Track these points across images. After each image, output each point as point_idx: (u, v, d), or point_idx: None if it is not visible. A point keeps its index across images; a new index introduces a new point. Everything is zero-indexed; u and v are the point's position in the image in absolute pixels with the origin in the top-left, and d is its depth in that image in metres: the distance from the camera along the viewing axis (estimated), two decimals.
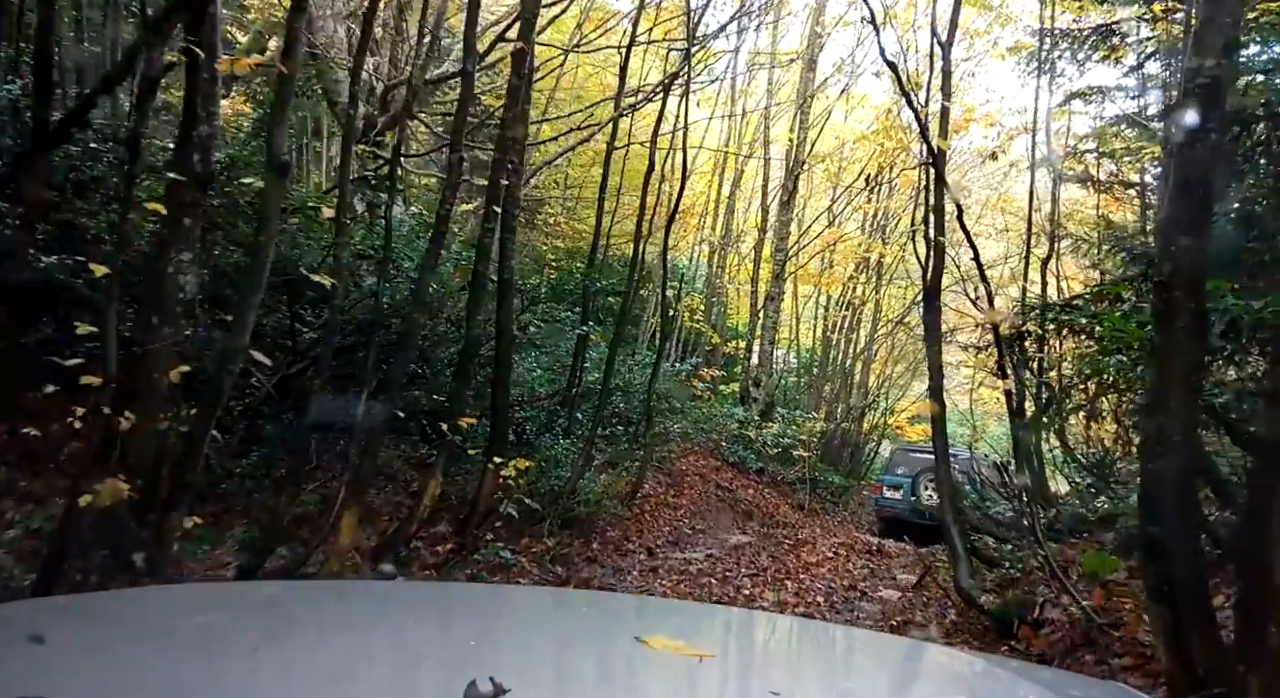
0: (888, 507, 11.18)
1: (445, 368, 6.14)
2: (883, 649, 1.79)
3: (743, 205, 17.22)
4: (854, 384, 16.60)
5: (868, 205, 13.62)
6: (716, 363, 16.31)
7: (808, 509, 12.71)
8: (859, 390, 16.37)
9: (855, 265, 14.32)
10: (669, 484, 9.15)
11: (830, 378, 16.54)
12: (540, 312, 8.57)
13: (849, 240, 13.83)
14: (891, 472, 11.50)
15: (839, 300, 15.50)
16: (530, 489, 5.85)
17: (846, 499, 14.65)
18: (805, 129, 11.44)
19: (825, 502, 13.76)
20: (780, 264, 12.17)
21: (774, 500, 11.15)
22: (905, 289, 15.30)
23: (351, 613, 1.39)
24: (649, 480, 9.00)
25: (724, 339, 16.73)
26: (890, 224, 15.14)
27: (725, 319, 17.51)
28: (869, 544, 9.98)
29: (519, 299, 6.30)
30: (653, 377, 7.41)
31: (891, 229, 15.37)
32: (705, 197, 16.87)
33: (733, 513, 9.57)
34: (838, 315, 15.35)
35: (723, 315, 17.10)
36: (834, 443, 15.00)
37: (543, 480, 5.91)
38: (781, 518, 10.44)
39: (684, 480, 9.46)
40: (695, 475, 9.81)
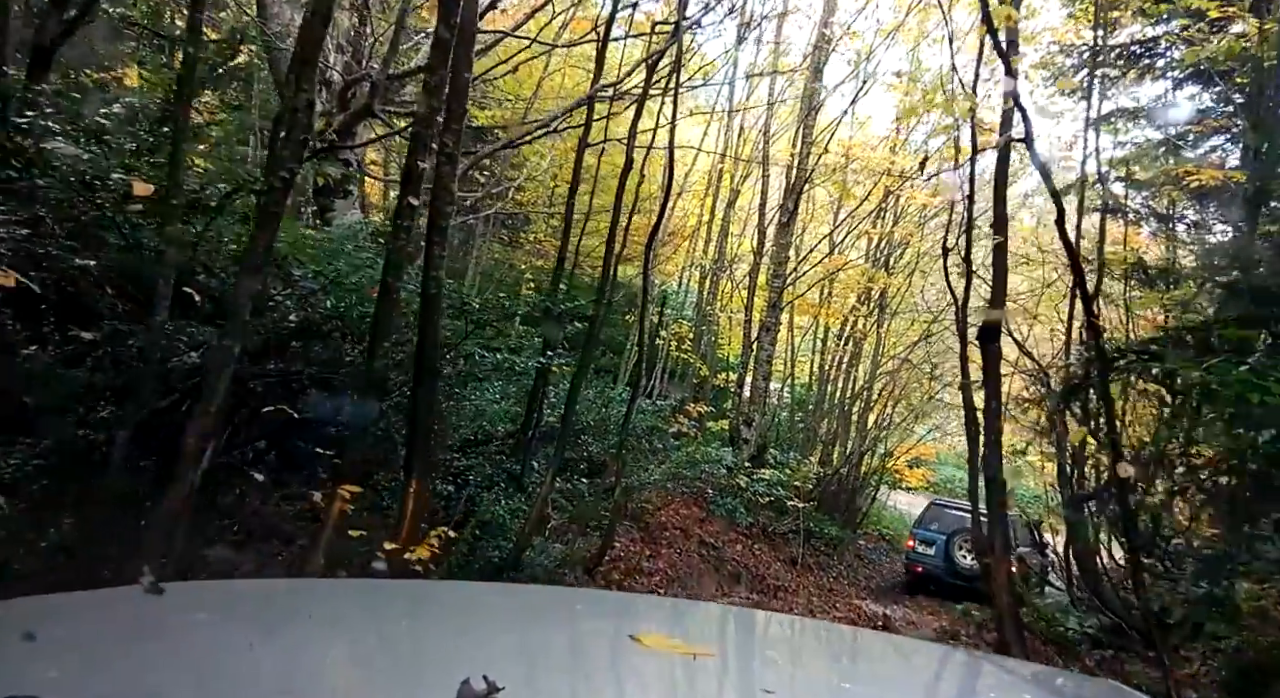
0: (919, 562, 11.19)
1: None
2: (877, 648, 1.81)
3: (737, 229, 16.17)
4: (852, 424, 15.41)
5: (873, 231, 12.53)
6: (705, 397, 15.10)
7: (801, 565, 11.43)
8: (857, 431, 15.17)
9: (858, 297, 13.20)
10: (644, 542, 7.87)
11: (827, 416, 15.35)
12: (512, 336, 7.38)
13: (853, 268, 12.72)
14: (925, 527, 11.47)
15: (839, 334, 14.37)
16: (463, 564, 4.59)
17: (842, 551, 13.41)
18: (809, 143, 10.41)
19: (820, 554, 12.50)
20: (777, 292, 11.04)
21: (764, 558, 9.86)
22: (911, 324, 14.20)
23: (346, 611, 1.36)
24: (621, 537, 7.73)
25: (714, 372, 15.54)
26: (896, 253, 14.09)
27: (715, 350, 16.34)
28: (873, 615, 8.72)
29: (463, 321, 5.08)
30: (626, 417, 6.19)
31: (897, 258, 14.32)
32: (697, 218, 15.81)
33: (717, 576, 8.28)
34: (837, 350, 14.20)
35: (713, 346, 15.93)
36: (830, 489, 13.77)
37: (478, 553, 4.66)
38: (773, 579, 9.14)
39: (662, 537, 8.19)
40: (676, 530, 8.53)
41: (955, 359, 16.26)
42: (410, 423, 3.76)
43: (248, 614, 1.26)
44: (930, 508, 12.30)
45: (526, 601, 1.75)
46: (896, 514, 19.07)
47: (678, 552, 8.03)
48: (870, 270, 12.60)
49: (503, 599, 1.71)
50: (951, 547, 10.65)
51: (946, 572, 10.59)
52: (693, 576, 7.83)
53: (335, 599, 1.49)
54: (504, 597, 1.84)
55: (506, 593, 2.19)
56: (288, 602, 1.43)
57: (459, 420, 5.32)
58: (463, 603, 1.57)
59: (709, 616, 2.12)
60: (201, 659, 0.99)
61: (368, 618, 1.33)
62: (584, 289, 18.83)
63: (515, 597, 1.90)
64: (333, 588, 2.01)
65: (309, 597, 1.52)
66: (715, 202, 15.33)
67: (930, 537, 11.20)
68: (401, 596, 1.63)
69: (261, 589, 1.77)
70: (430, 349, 3.77)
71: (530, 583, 4.98)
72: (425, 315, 3.77)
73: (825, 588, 11.04)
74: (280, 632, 1.17)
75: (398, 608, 1.42)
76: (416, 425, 3.71)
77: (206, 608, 1.26)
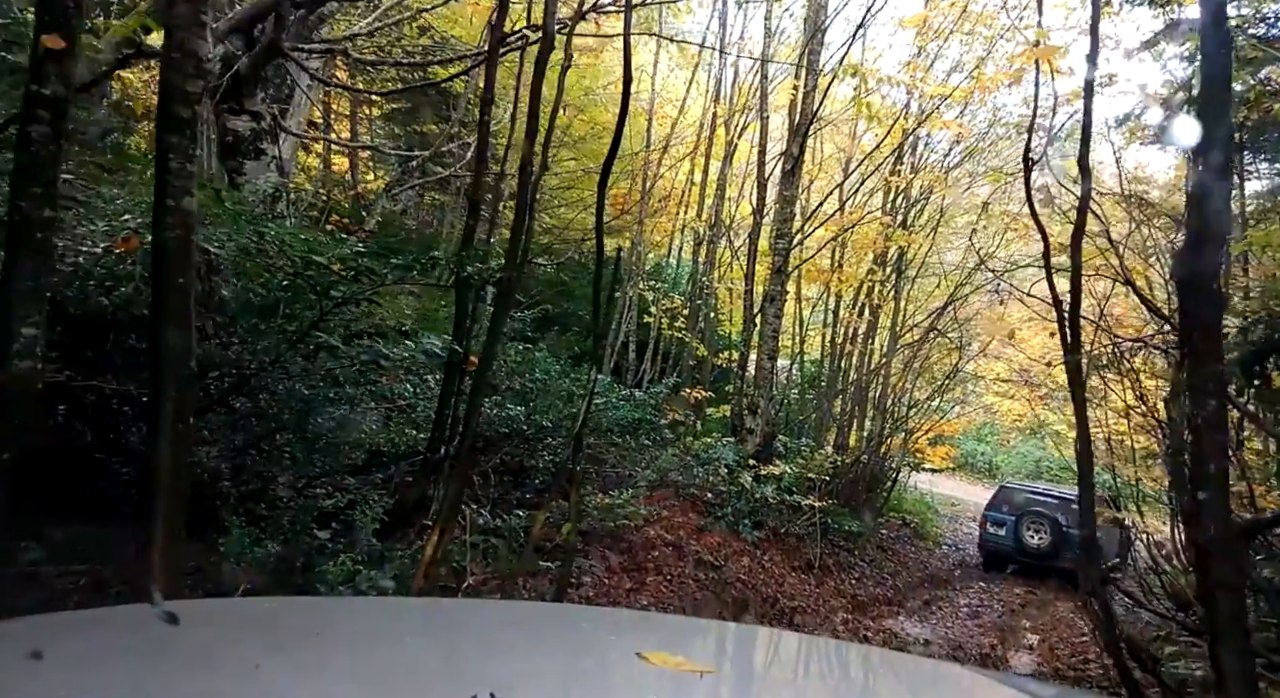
0: (991, 542, 12.13)
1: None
2: (885, 666, 1.77)
3: (735, 191, 14.43)
4: (870, 403, 13.77)
5: (893, 178, 10.75)
6: (705, 380, 13.48)
7: (819, 567, 9.89)
8: (876, 410, 13.53)
9: (874, 258, 11.48)
10: (624, 569, 6.30)
11: (841, 394, 13.71)
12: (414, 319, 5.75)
13: (868, 223, 10.97)
14: (996, 509, 12.23)
15: (853, 303, 12.68)
16: None
17: (864, 546, 11.88)
18: (816, 74, 8.67)
19: (840, 552, 10.96)
20: (782, 255, 9.36)
21: (776, 571, 8.30)
22: (936, 286, 12.49)
23: (352, 629, 1.36)
24: (596, 561, 6.17)
25: (714, 351, 13.90)
26: (917, 208, 12.34)
27: (716, 327, 14.68)
28: (903, 638, 7.16)
29: (316, 295, 3.45)
30: (582, 414, 4.47)
31: (917, 215, 12.57)
32: (687, 177, 14.08)
33: (718, 604, 6.72)
34: (851, 320, 12.52)
35: (712, 322, 14.27)
36: (848, 477, 12.18)
37: None
38: (786, 599, 7.58)
39: (648, 559, 6.62)
40: (666, 548, 6.96)
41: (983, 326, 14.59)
42: (145, 466, 2.18)
43: (254, 633, 1.24)
44: (1000, 491, 12.88)
45: (532, 618, 1.74)
46: (918, 497, 17.48)
47: (667, 578, 6.46)
48: (888, 225, 10.84)
49: (509, 617, 1.69)
50: (1020, 527, 11.41)
51: (1016, 551, 11.44)
52: (687, 608, 6.27)
53: (342, 618, 1.47)
54: (510, 615, 1.82)
55: (512, 611, 2.19)
56: (294, 620, 1.41)
57: (302, 447, 3.70)
58: (469, 621, 1.56)
59: (717, 633, 2.07)
60: (208, 678, 0.97)
61: (374, 636, 1.30)
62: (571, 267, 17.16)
63: (521, 615, 1.88)
64: (340, 606, 1.98)
65: (316, 615, 1.49)
66: (708, 159, 13.60)
67: (1001, 518, 11.87)
68: (408, 614, 1.64)
69: (268, 607, 1.70)
70: (174, 340, 2.15)
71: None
72: (162, 282, 2.16)
73: (847, 596, 9.52)
74: (287, 650, 1.17)
75: (404, 626, 1.42)
76: (154, 470, 2.12)
77: (213, 626, 1.24)
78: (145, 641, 1.10)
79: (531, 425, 5.62)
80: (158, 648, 1.08)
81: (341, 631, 1.30)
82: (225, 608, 1.66)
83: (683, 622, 3.30)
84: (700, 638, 1.70)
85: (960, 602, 10.59)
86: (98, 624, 1.19)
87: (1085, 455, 3.22)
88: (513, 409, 5.68)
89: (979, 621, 9.52)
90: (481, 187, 3.98)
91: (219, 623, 1.27)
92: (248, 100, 7.71)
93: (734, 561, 7.60)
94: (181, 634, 1.13)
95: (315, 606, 1.98)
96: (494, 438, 5.84)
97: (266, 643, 1.18)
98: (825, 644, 2.83)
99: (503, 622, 1.57)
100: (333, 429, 3.69)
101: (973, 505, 20.55)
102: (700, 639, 1.67)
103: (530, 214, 3.66)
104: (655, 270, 16.13)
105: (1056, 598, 11.43)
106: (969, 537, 16.28)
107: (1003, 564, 11.80)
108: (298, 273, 3.30)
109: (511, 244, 3.53)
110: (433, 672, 1.13)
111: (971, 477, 25.13)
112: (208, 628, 1.21)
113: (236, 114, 7.69)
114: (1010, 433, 29.00)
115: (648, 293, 13.79)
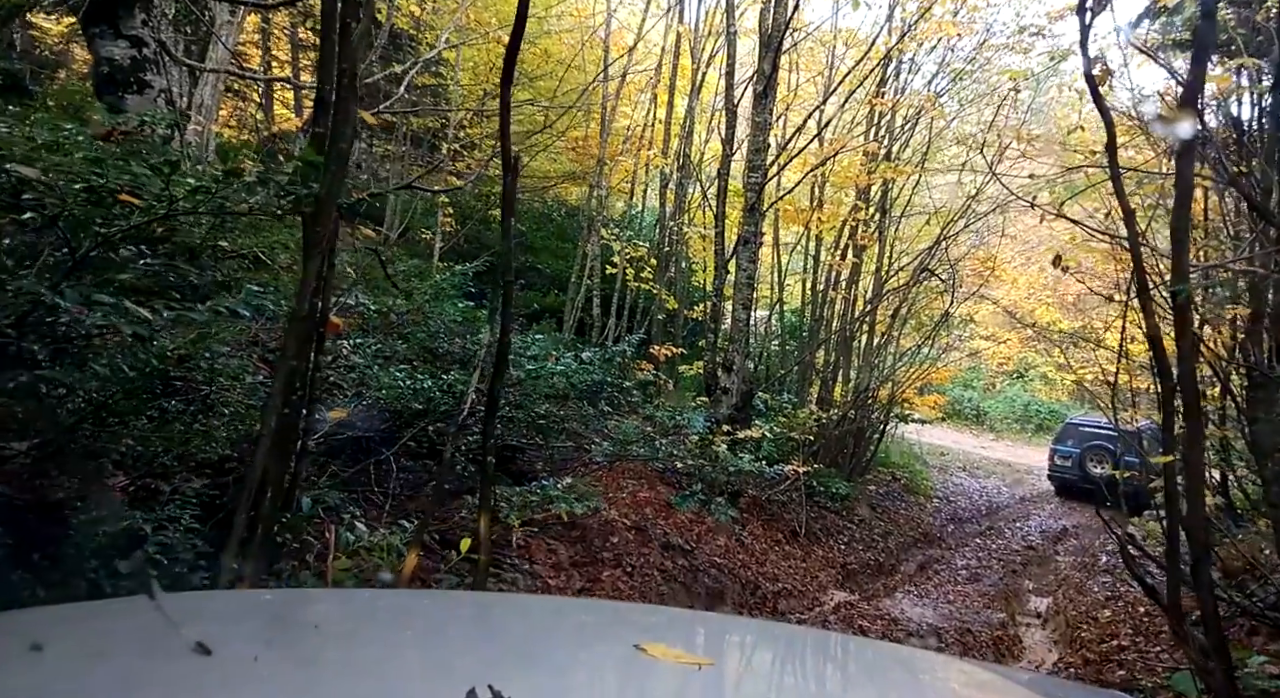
0: (1059, 473, 13.76)
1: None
2: (885, 659, 1.76)
3: (704, 128, 13.14)
4: (854, 353, 12.81)
5: (877, 101, 9.54)
6: (677, 337, 12.43)
7: (806, 535, 9.06)
8: (861, 361, 12.59)
9: (857, 194, 10.35)
10: (576, 561, 5.33)
11: (823, 344, 12.73)
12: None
13: (851, 153, 9.80)
14: (1062, 443, 13.75)
15: (835, 245, 11.60)
16: None
17: (852, 507, 11.09)
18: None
19: (827, 514, 10.16)
20: (755, 191, 8.21)
21: (757, 545, 7.41)
22: (926, 223, 11.42)
23: (351, 622, 1.34)
24: (540, 557, 5.19)
25: (686, 304, 12.82)
26: (901, 139, 11.16)
27: (687, 278, 13.56)
28: (904, 624, 6.30)
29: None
30: (496, 373, 3.25)
31: (902, 147, 11.40)
32: (649, 113, 12.78)
33: (689, 596, 5.79)
34: (834, 263, 11.45)
35: (683, 273, 13.15)
36: (833, 433, 11.29)
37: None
38: (769, 581, 6.69)
39: (605, 547, 5.64)
40: (628, 533, 5.99)
41: (973, 267, 13.62)
42: None
43: (252, 625, 1.23)
44: (1066, 427, 14.24)
45: (531, 611, 1.74)
46: (905, 449, 16.70)
47: (627, 571, 5.50)
48: (872, 154, 9.67)
49: (508, 610, 1.69)
50: (1085, 459, 13.05)
51: (1081, 480, 12.79)
52: (651, 603, 5.33)
53: (341, 610, 1.46)
54: (509, 607, 1.83)
55: (512, 604, 2.19)
56: (293, 612, 1.39)
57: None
58: (468, 614, 1.56)
59: (716, 625, 2.04)
60: (206, 671, 0.94)
61: (373, 629, 1.29)
62: (529, 217, 15.84)
63: (520, 607, 1.90)
64: (338, 598, 1.93)
65: (315, 607, 1.49)
66: (673, 91, 12.30)
67: (1067, 451, 13.48)
68: (407, 606, 1.59)
69: (266, 600, 1.71)
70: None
71: None
72: None
73: (837, 566, 8.69)
74: (285, 643, 1.16)
75: (403, 619, 1.39)
76: None
77: (211, 619, 1.21)
78: (145, 632, 1.07)
79: (447, 399, 4.53)
80: (157, 640, 1.02)
81: (339, 623, 1.30)
82: (224, 600, 1.64)
83: (682, 614, 3.28)
84: (700, 630, 1.71)
85: (958, 564, 9.83)
86: (97, 616, 1.19)
87: (1193, 440, 2.20)
88: (424, 381, 4.59)
89: (979, 586, 8.76)
90: (331, 79, 2.82)
91: (216, 615, 1.24)
92: (124, 22, 6.33)
93: (708, 541, 6.67)
94: (180, 626, 1.04)
95: (313, 598, 1.96)
96: (404, 415, 4.77)
97: (264, 635, 1.18)
98: (824, 637, 2.79)
99: (503, 615, 1.56)
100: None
101: (961, 455, 19.91)
102: (700, 632, 1.68)
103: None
104: (624, 219, 14.89)
105: (1054, 551, 10.81)
106: (959, 489, 15.65)
107: (1070, 493, 13.32)
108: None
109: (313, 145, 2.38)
110: (431, 664, 1.11)
111: (959, 424, 24.44)
112: (205, 620, 1.15)
113: (112, 40, 6.34)
114: (996, 377, 28.39)
115: (613, 243, 12.62)
